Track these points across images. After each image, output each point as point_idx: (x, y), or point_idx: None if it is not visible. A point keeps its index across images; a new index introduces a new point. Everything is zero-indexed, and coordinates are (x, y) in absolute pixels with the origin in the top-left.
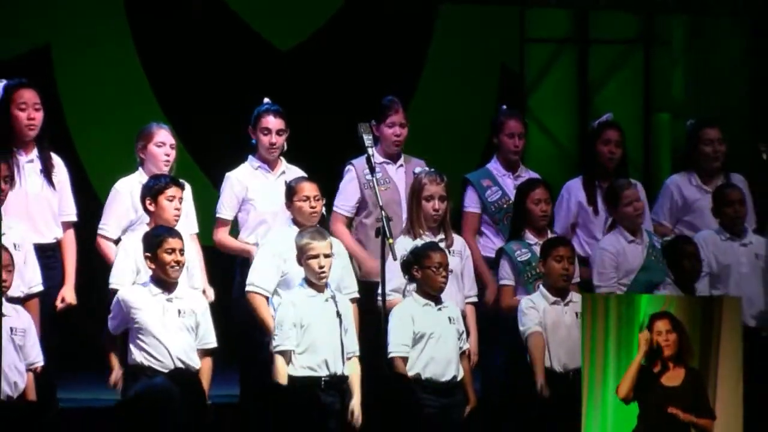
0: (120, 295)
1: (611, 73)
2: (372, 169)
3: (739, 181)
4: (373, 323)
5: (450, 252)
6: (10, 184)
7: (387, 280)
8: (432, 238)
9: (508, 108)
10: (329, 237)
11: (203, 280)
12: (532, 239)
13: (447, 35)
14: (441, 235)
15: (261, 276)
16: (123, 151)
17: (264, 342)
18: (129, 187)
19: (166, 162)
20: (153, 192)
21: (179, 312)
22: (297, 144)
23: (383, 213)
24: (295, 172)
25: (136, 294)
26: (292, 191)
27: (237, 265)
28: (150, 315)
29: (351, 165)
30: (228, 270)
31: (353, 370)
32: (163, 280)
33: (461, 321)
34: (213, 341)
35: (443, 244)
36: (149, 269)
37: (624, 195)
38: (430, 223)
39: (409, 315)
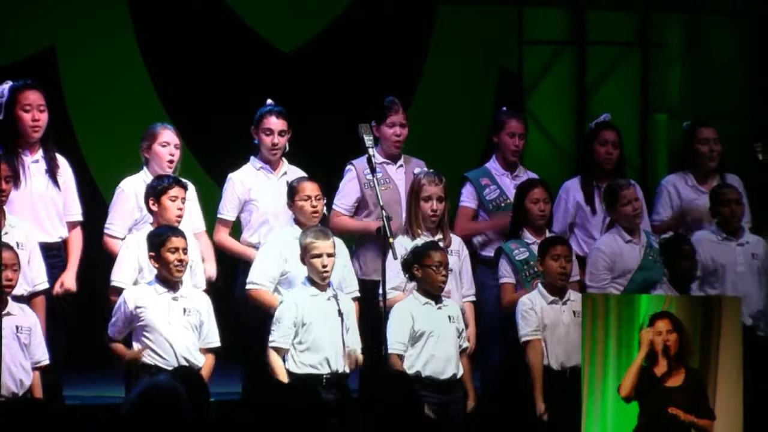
0: (125, 295)
1: (609, 75)
2: (373, 169)
3: (735, 182)
4: (374, 321)
5: (448, 252)
6: (14, 183)
7: (387, 279)
8: (430, 238)
9: (509, 109)
10: (332, 237)
11: (211, 257)
12: (530, 238)
13: (447, 37)
14: (439, 235)
15: (260, 273)
16: (127, 152)
17: (266, 339)
18: (133, 187)
19: (170, 162)
20: (156, 192)
21: (184, 311)
22: (298, 144)
23: (384, 212)
24: (297, 172)
25: (141, 293)
26: (293, 191)
27: (240, 264)
28: (156, 313)
29: (351, 165)
30: (231, 269)
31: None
32: (168, 279)
33: (461, 319)
34: (216, 340)
35: (441, 244)
36: (153, 268)
37: (623, 194)
38: (428, 224)
39: (409, 313)
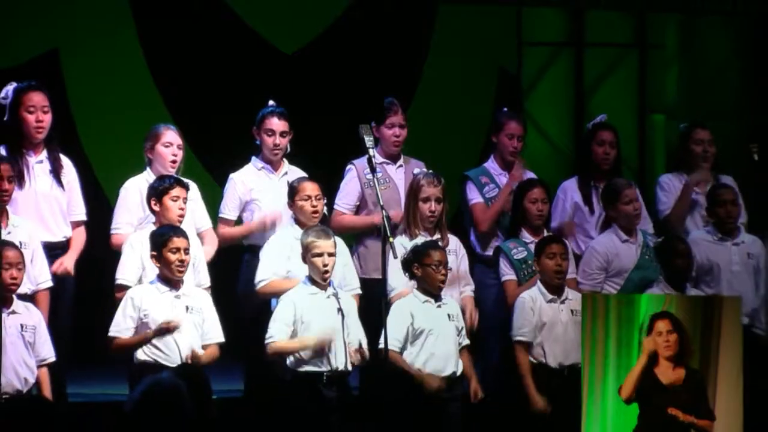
0: (129, 294)
1: (606, 76)
2: (373, 169)
3: (729, 182)
4: (374, 319)
5: (446, 252)
6: (19, 184)
7: (390, 279)
8: (429, 238)
9: (509, 110)
10: (333, 236)
11: (213, 247)
12: (528, 238)
13: (446, 38)
14: (437, 235)
15: (267, 269)
16: (130, 152)
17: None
18: (137, 186)
19: (173, 162)
20: (158, 192)
21: (187, 308)
22: (299, 145)
23: (384, 212)
24: (297, 172)
25: (144, 292)
26: (294, 191)
27: (243, 262)
28: (159, 312)
29: (352, 165)
30: (233, 267)
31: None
32: (169, 278)
33: (461, 317)
34: (220, 335)
35: (439, 243)
36: (155, 267)
37: (624, 194)
38: (426, 224)
39: (408, 311)
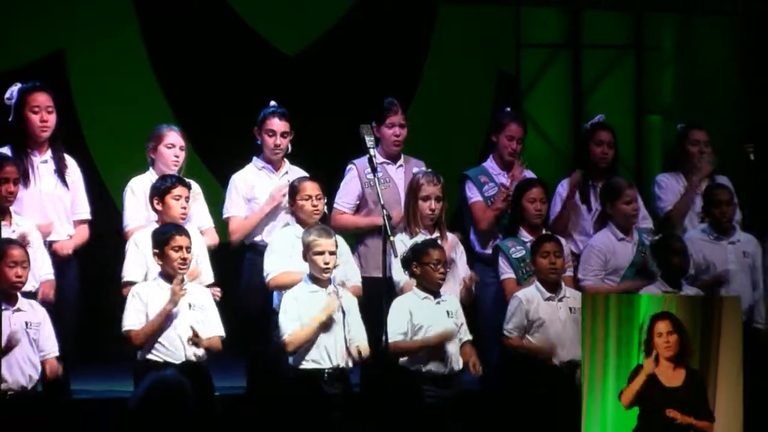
0: (135, 290)
1: (604, 77)
2: (374, 169)
3: (725, 182)
4: (374, 317)
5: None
6: (24, 183)
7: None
8: (428, 236)
9: (512, 110)
10: (335, 235)
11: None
12: (526, 236)
13: (446, 39)
14: (436, 234)
15: (274, 263)
16: (134, 152)
17: (270, 335)
18: (141, 186)
19: (175, 162)
20: (160, 192)
21: (190, 306)
22: (300, 145)
23: (384, 211)
24: (298, 172)
25: (148, 290)
26: (294, 190)
27: (245, 260)
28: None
29: (353, 164)
30: (235, 265)
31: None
32: (171, 276)
33: (460, 314)
34: (220, 329)
35: (439, 242)
36: (158, 265)
37: (625, 193)
38: (426, 222)
39: (408, 308)
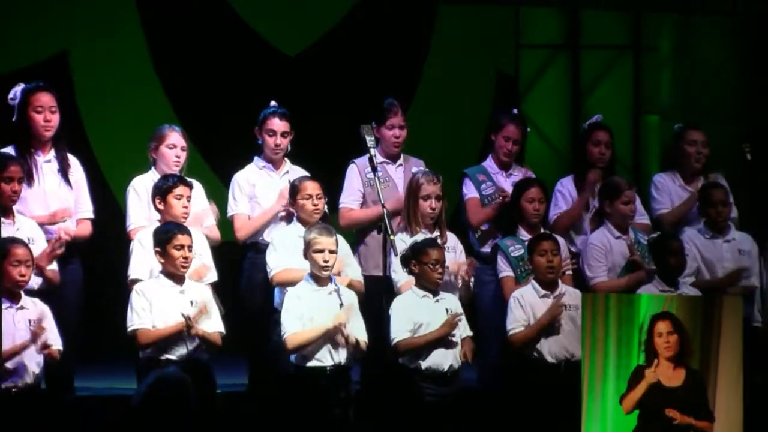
0: (138, 288)
1: (602, 78)
2: (374, 169)
3: (719, 179)
4: (374, 315)
5: (445, 248)
6: (28, 183)
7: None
8: (428, 235)
9: (516, 112)
10: (335, 234)
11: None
12: (525, 235)
13: (445, 41)
14: (436, 233)
15: (277, 260)
16: (137, 151)
17: (271, 333)
18: (144, 185)
19: (176, 163)
20: (162, 191)
21: (191, 303)
22: (301, 145)
23: (385, 210)
24: (298, 171)
25: (151, 287)
26: (295, 190)
27: (246, 259)
28: (165, 307)
29: (353, 163)
30: (237, 264)
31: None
32: (173, 274)
33: (460, 311)
34: (221, 326)
35: (438, 241)
36: (159, 264)
37: (625, 193)
38: (426, 221)
39: (408, 306)
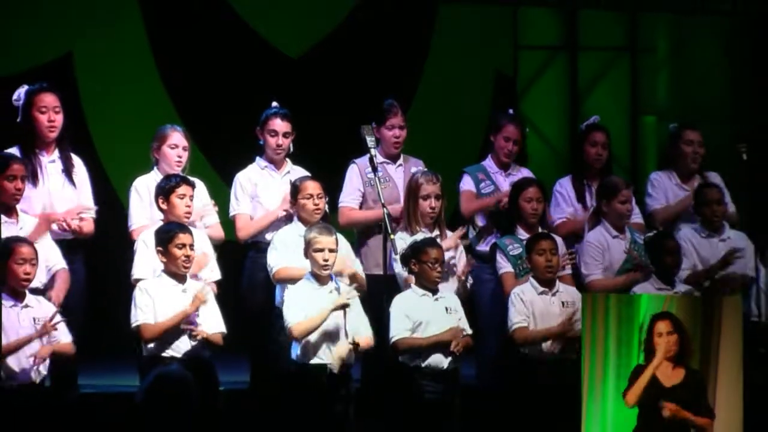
0: (141, 286)
1: (600, 79)
2: (374, 168)
3: (715, 178)
4: (374, 314)
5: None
6: (32, 183)
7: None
8: (428, 234)
9: (512, 112)
10: (335, 234)
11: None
12: (523, 235)
13: (444, 43)
14: (436, 232)
15: (279, 258)
16: (140, 151)
17: (272, 332)
18: (146, 185)
19: (178, 163)
20: (165, 191)
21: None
22: (302, 145)
23: (385, 210)
24: (300, 171)
25: (154, 285)
26: (296, 189)
27: (248, 258)
28: (167, 305)
29: (354, 163)
30: (239, 263)
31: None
32: (175, 272)
33: (459, 309)
34: (222, 326)
35: (438, 240)
36: (161, 263)
37: (622, 193)
38: (426, 220)
39: (407, 305)
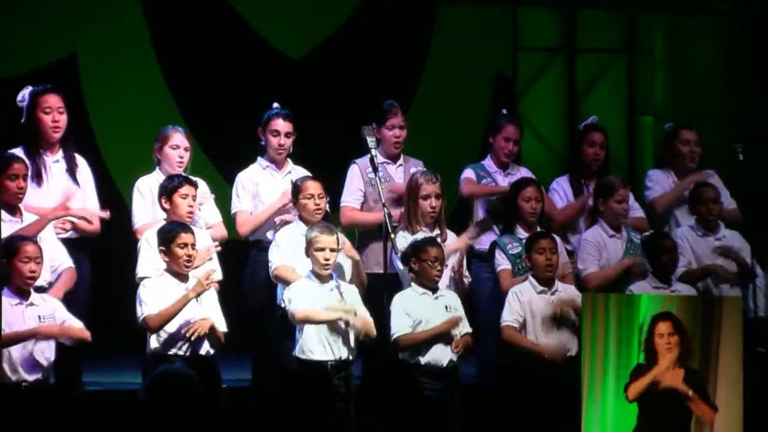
0: (144, 284)
1: (597, 80)
2: (375, 169)
3: (711, 176)
4: (374, 313)
5: (445, 246)
6: (37, 182)
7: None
8: (429, 233)
9: (509, 112)
10: (337, 233)
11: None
12: (522, 234)
13: (444, 43)
14: (437, 231)
15: (279, 256)
16: (143, 152)
17: (272, 331)
18: (148, 185)
19: (179, 163)
20: (168, 191)
21: (196, 301)
22: (303, 145)
23: (386, 209)
24: (301, 172)
25: (156, 285)
26: (297, 189)
27: (250, 257)
28: (170, 303)
29: (354, 163)
30: (240, 262)
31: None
32: (177, 272)
33: (459, 308)
34: (223, 325)
35: (438, 239)
36: (164, 262)
37: (618, 192)
38: (427, 220)
39: (408, 303)
